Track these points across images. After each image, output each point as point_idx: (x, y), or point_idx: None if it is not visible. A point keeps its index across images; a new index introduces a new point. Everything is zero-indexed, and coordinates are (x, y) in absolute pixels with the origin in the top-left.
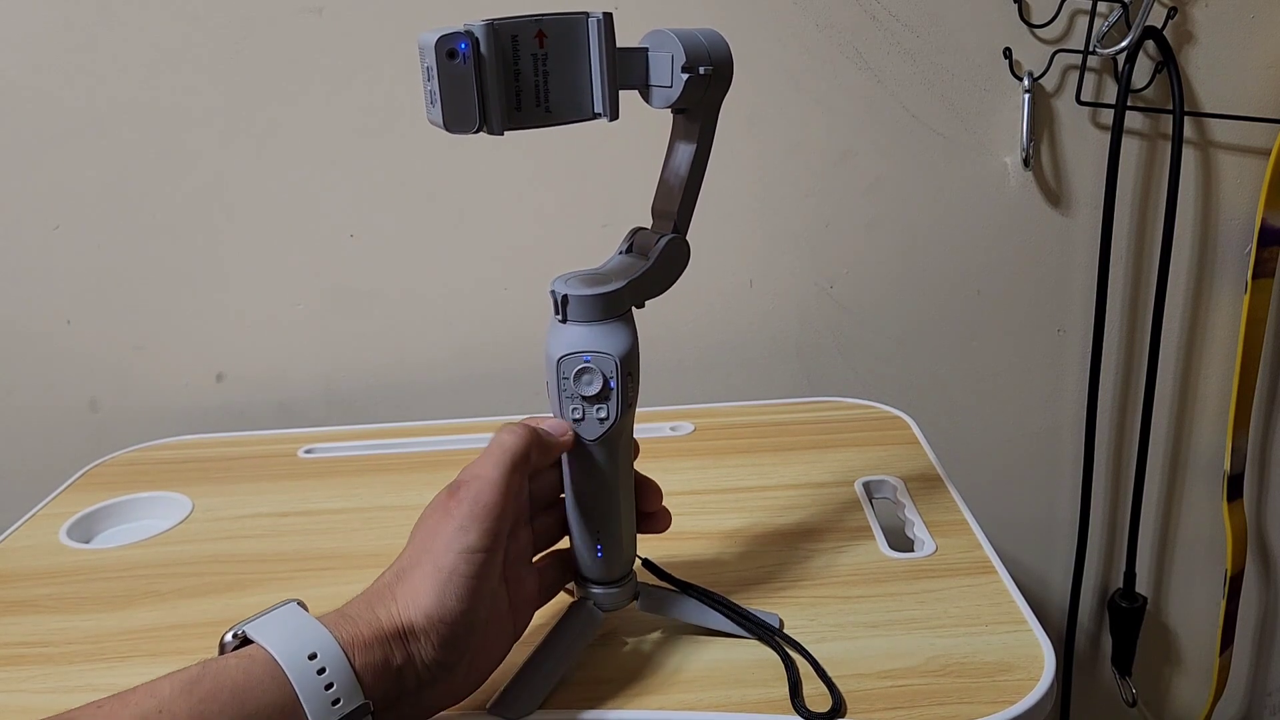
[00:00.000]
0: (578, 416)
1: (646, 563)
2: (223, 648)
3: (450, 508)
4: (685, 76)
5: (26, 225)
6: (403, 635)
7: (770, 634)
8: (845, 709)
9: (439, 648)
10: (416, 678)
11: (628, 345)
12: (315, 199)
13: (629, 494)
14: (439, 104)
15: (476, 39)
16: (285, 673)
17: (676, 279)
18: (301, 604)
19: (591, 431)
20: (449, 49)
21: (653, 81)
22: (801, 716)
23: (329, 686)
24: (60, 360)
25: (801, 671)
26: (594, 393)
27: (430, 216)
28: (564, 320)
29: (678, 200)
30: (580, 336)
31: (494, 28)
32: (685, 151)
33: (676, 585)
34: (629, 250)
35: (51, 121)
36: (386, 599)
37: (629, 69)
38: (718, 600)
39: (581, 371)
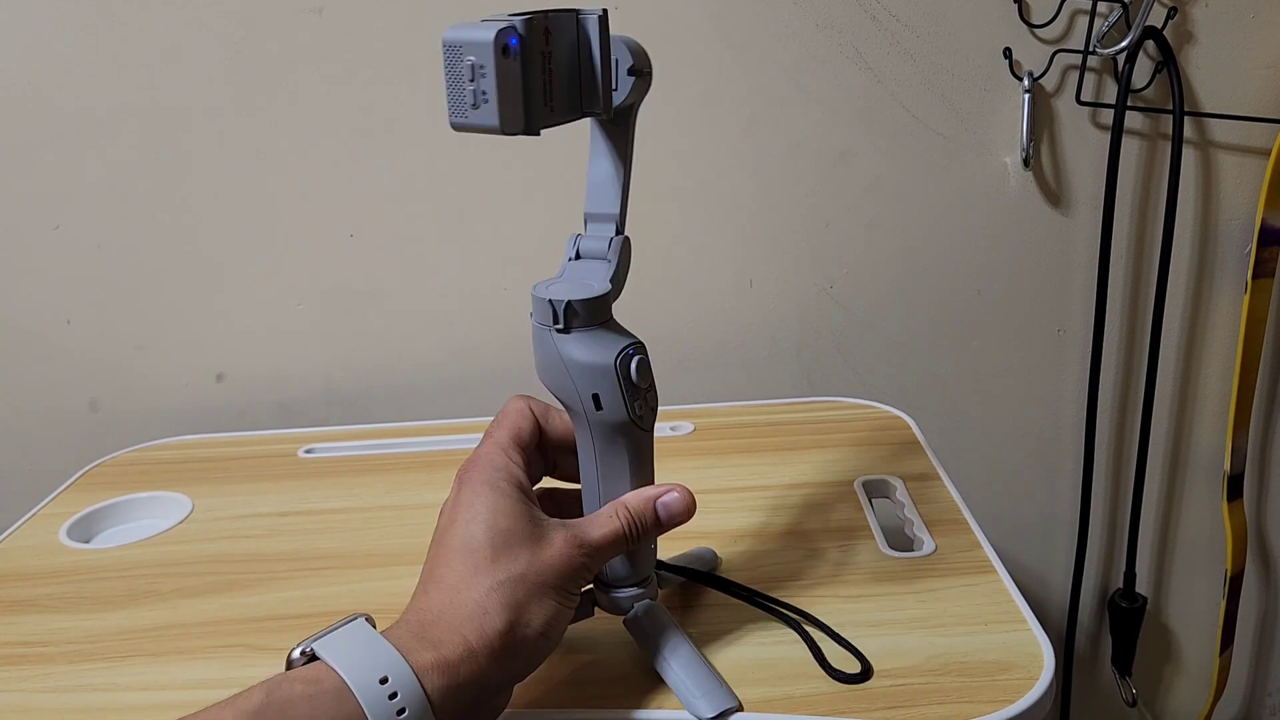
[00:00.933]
0: (641, 412)
1: (659, 564)
2: (290, 663)
3: (572, 557)
4: (632, 79)
5: (26, 225)
6: (494, 653)
7: (785, 609)
8: (873, 670)
9: (523, 663)
10: (489, 693)
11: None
12: (315, 199)
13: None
14: (492, 104)
15: (522, 34)
16: (356, 698)
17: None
18: (370, 619)
19: (649, 420)
20: (504, 44)
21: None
22: (834, 678)
23: (401, 712)
24: (60, 360)
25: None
26: (650, 381)
27: (430, 216)
28: (565, 330)
29: (617, 201)
30: (611, 336)
31: (533, 22)
32: (615, 154)
33: (688, 576)
34: (577, 257)
35: (52, 121)
36: (478, 615)
37: None
38: (735, 586)
39: (640, 362)
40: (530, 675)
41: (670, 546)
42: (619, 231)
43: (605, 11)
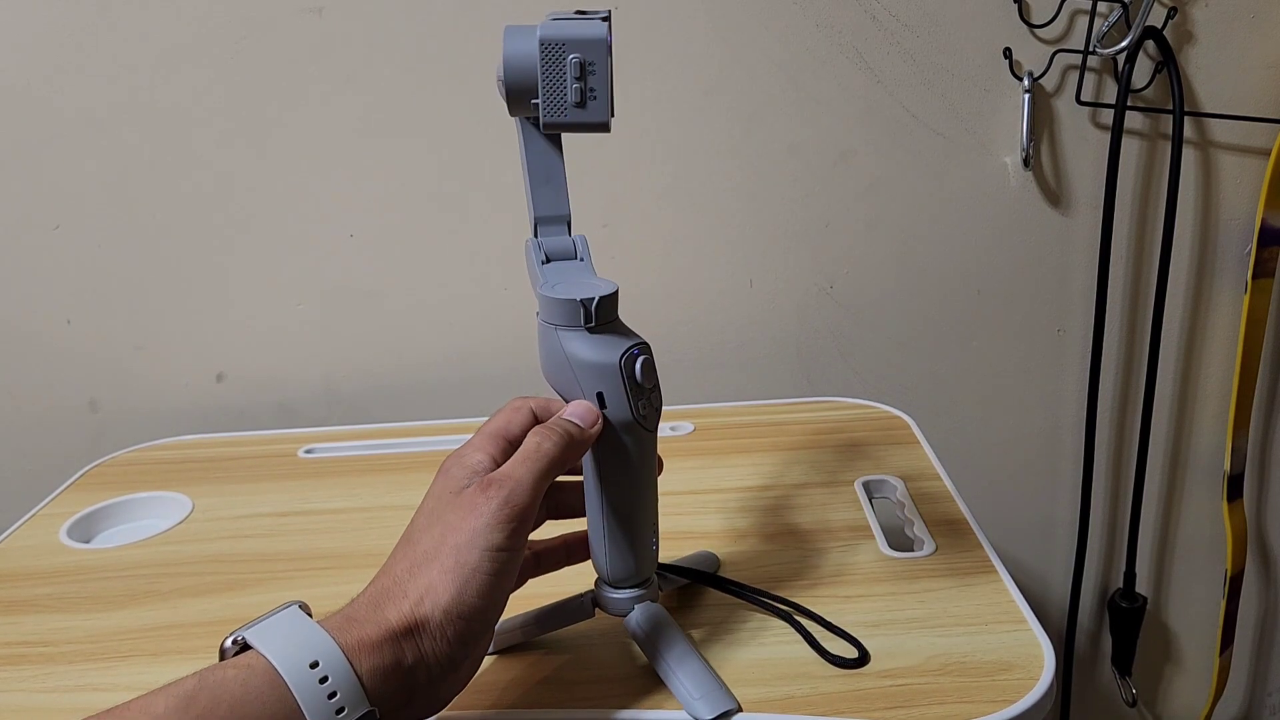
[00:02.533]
0: (645, 412)
1: (662, 566)
2: (223, 653)
3: (479, 504)
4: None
5: (26, 225)
6: (415, 631)
7: (779, 603)
8: (869, 655)
9: (453, 643)
10: (427, 673)
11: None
12: (315, 199)
13: (654, 495)
14: (602, 99)
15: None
16: (286, 683)
17: None
18: (304, 606)
19: (653, 420)
20: (610, 42)
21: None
22: (832, 664)
23: (332, 695)
24: (60, 360)
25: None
26: (654, 382)
27: (430, 216)
28: (594, 327)
29: (567, 202)
30: (613, 336)
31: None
32: (553, 154)
33: (689, 577)
34: (547, 261)
35: (52, 121)
36: (397, 596)
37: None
38: (711, 578)
39: (645, 363)
40: (536, 677)
41: (670, 547)
42: (570, 231)
43: (608, 14)
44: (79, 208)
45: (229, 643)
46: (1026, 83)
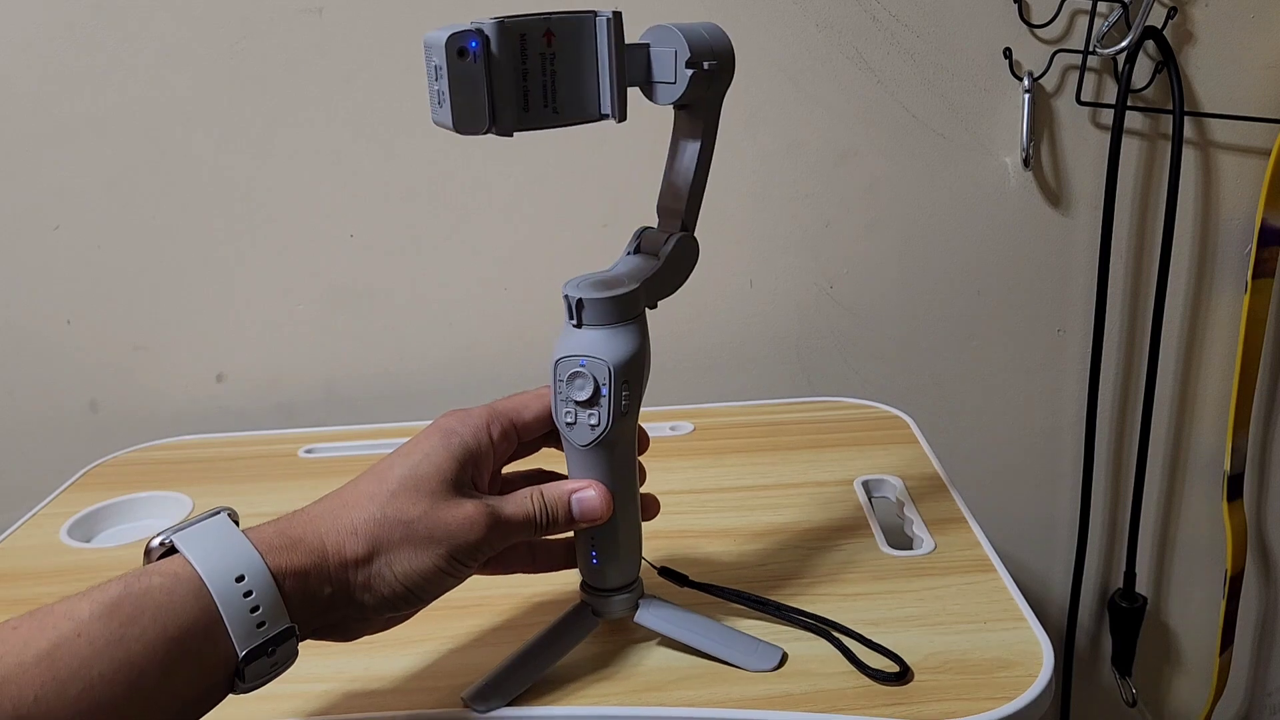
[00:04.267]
0: (570, 420)
1: (664, 570)
2: (148, 553)
3: (476, 519)
4: (690, 72)
5: (26, 225)
6: (352, 577)
7: (818, 622)
8: (912, 672)
9: (386, 602)
10: (346, 614)
11: (627, 352)
12: (315, 199)
13: (627, 505)
14: (447, 104)
15: (487, 37)
16: (211, 593)
17: (687, 277)
18: (233, 514)
19: (582, 436)
20: (459, 47)
21: (656, 78)
22: (874, 680)
23: (255, 609)
24: (60, 360)
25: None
26: (584, 398)
27: (430, 216)
28: (579, 325)
29: (684, 197)
30: (580, 341)
31: (505, 26)
32: (690, 148)
33: (701, 589)
34: (637, 250)
35: (52, 121)
36: (349, 534)
37: (631, 66)
38: (751, 599)
39: (574, 375)
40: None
41: (671, 546)
42: (685, 228)
43: (618, 14)
44: (79, 208)
45: (156, 543)
46: (1026, 83)
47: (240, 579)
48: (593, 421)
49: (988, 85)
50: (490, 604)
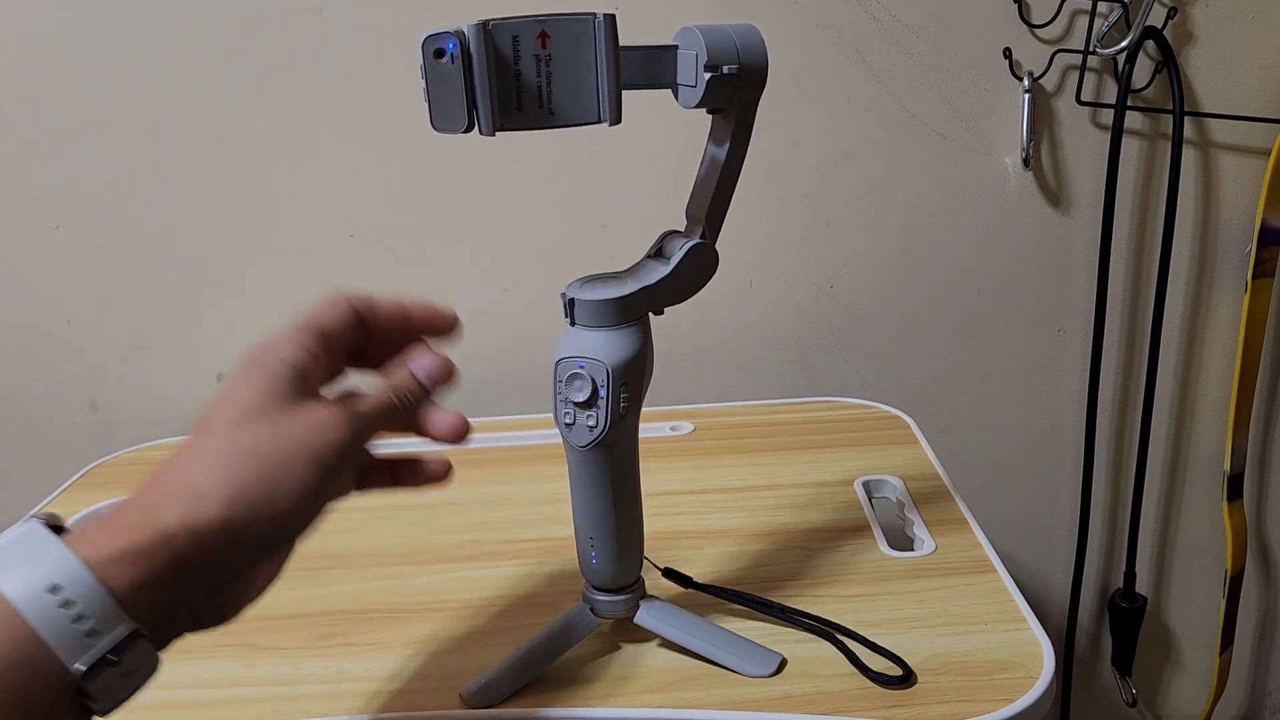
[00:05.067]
0: (569, 421)
1: (668, 571)
2: None
3: (327, 421)
4: (708, 76)
5: (26, 225)
6: (201, 533)
7: (822, 624)
8: (915, 676)
9: (249, 546)
10: (211, 579)
11: (626, 355)
12: (315, 199)
13: (628, 507)
14: (427, 103)
15: (465, 39)
16: (22, 616)
17: (701, 287)
18: (53, 519)
19: (581, 438)
20: (436, 48)
21: (680, 80)
22: (878, 683)
23: (79, 619)
24: (60, 360)
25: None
26: (582, 399)
27: (430, 216)
28: (573, 324)
29: (707, 205)
30: (579, 341)
31: (486, 28)
32: (716, 154)
33: (706, 591)
34: (656, 254)
35: (52, 121)
36: (187, 494)
37: (660, 67)
38: (755, 601)
39: (573, 376)
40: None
41: (671, 546)
42: (705, 236)
43: (610, 16)
44: (79, 208)
45: None
46: (1026, 83)
47: (54, 589)
48: (591, 423)
49: (988, 85)
50: (490, 604)
